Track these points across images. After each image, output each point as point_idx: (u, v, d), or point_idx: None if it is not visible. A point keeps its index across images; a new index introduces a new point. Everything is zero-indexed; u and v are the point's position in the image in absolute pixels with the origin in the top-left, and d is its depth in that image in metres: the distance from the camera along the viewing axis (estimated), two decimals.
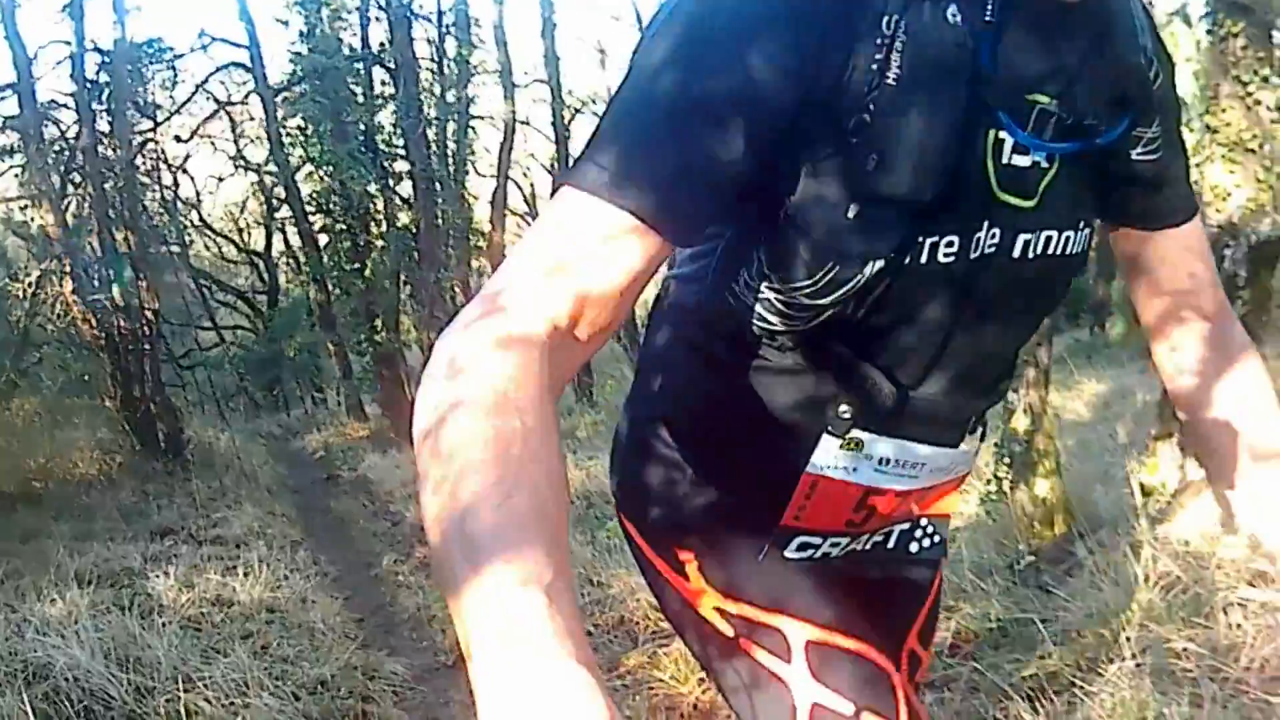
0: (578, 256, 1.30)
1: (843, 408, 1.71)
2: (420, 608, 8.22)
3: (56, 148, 17.91)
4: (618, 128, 1.39)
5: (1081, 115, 1.52)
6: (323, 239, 21.59)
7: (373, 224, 19.35)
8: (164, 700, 5.12)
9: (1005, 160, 1.50)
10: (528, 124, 29.41)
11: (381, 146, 18.72)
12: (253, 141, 28.29)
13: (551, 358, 1.26)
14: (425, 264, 15.12)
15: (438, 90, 19.45)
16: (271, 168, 24.69)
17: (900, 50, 1.38)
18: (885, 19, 1.37)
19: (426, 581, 9.13)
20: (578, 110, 31.15)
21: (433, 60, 20.17)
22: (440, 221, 16.49)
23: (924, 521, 2.06)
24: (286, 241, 31.74)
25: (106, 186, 17.47)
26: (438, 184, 17.79)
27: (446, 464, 1.09)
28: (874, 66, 1.37)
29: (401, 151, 17.74)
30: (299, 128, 20.85)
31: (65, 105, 19.10)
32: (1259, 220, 5.83)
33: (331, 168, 18.23)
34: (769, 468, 1.84)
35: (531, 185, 31.81)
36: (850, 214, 1.46)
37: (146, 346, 17.31)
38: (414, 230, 15.88)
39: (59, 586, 7.55)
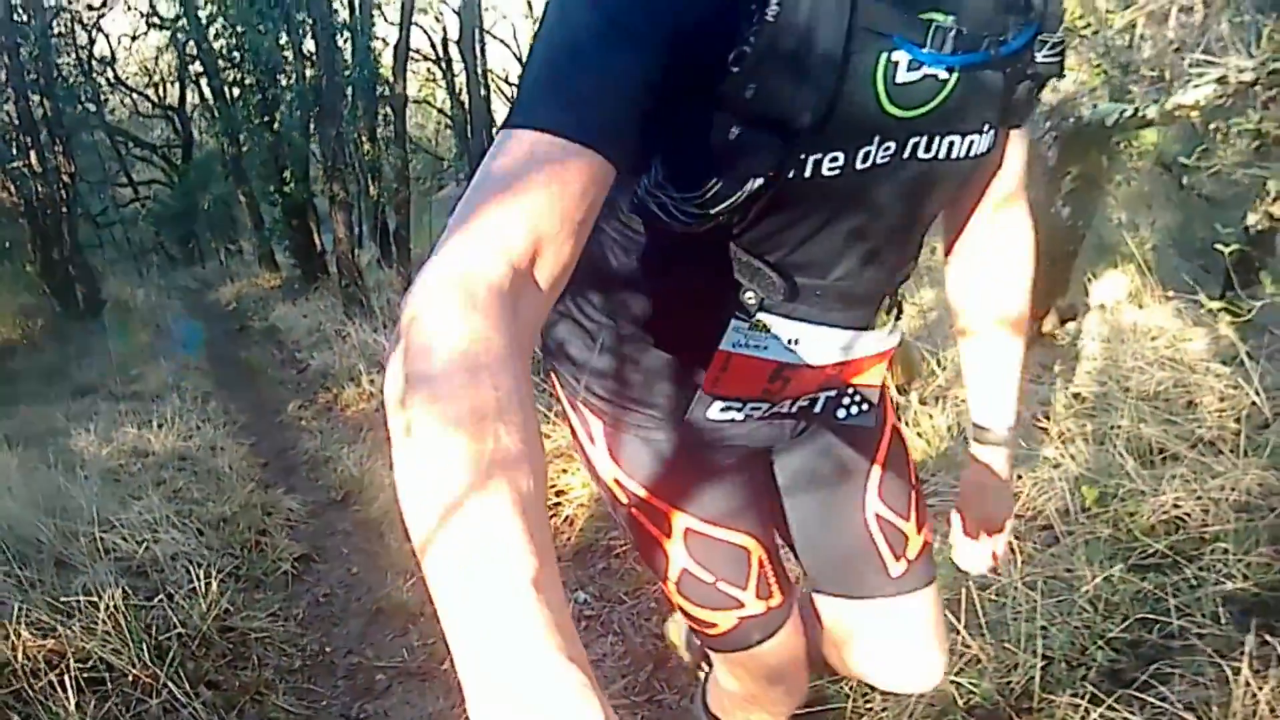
0: (523, 191, 1.30)
1: (748, 294, 1.85)
2: (318, 449, 8.70)
3: None
4: (539, 67, 1.42)
5: (980, 28, 1.62)
6: (234, 93, 21.47)
7: (282, 76, 19.02)
8: (85, 541, 5.60)
9: (898, 79, 1.59)
10: None
11: (292, 9, 18.55)
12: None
13: (518, 307, 1.25)
14: (327, 119, 15.35)
15: None
16: (183, 24, 24.35)
17: None
18: None
19: (327, 425, 9.74)
20: None
21: None
22: (341, 77, 16.60)
23: (850, 390, 2.18)
24: (201, 95, 30.06)
25: (22, 55, 17.55)
26: (340, 39, 17.68)
27: (422, 442, 1.06)
28: (754, 4, 1.44)
29: (310, 21, 17.38)
30: None
31: None
32: (1083, 103, 6.40)
33: (239, 24, 18.12)
34: (684, 344, 2.02)
35: (444, 30, 31.31)
36: (731, 135, 1.56)
37: (64, 210, 17.55)
38: (317, 89, 16.00)
39: None
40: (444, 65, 30.07)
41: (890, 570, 2.35)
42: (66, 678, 3.93)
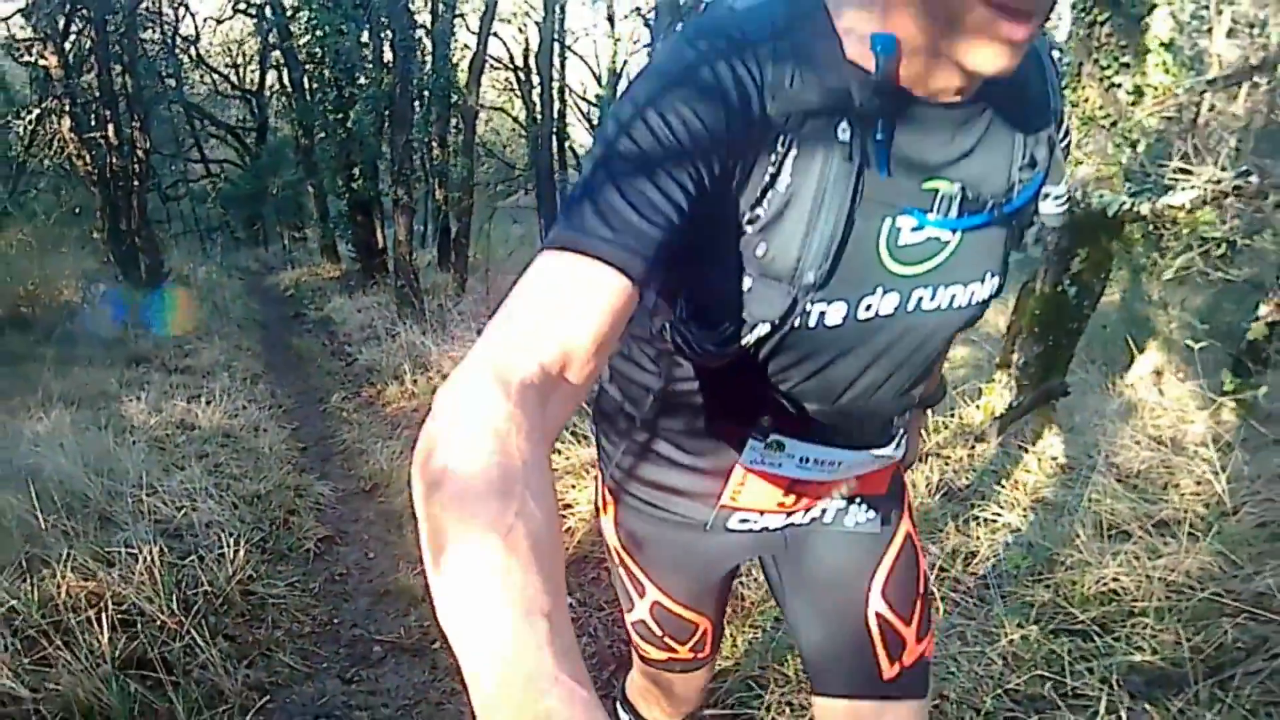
0: (557, 306, 1.39)
1: (764, 418, 1.97)
2: (356, 440, 9.11)
3: None
4: (585, 189, 1.49)
5: (982, 191, 1.72)
6: (312, 86, 21.35)
7: (360, 75, 18.87)
8: (129, 502, 6.02)
9: (901, 242, 1.70)
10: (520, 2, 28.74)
11: (377, 11, 18.74)
12: None
13: (546, 403, 1.33)
14: (398, 126, 15.66)
15: None
16: (268, 12, 24.37)
17: (793, 161, 1.56)
18: (781, 137, 1.55)
19: (366, 418, 10.10)
20: None
21: None
22: (415, 87, 16.81)
23: (858, 499, 2.28)
24: (280, 80, 30.17)
25: (109, 29, 17.76)
26: (419, 51, 17.75)
27: (448, 501, 1.11)
28: (769, 174, 1.57)
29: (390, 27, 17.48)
30: None
31: None
32: (1098, 189, 6.69)
33: (323, 23, 18.36)
34: (705, 459, 2.12)
35: (526, 40, 31.11)
36: (745, 286, 1.68)
37: (136, 183, 17.85)
38: (391, 95, 16.24)
39: (45, 406, 8.54)
40: (522, 75, 29.99)
41: (883, 672, 2.34)
42: (104, 616, 4.39)
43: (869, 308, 1.74)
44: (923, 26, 1.47)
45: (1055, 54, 1.94)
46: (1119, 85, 6.70)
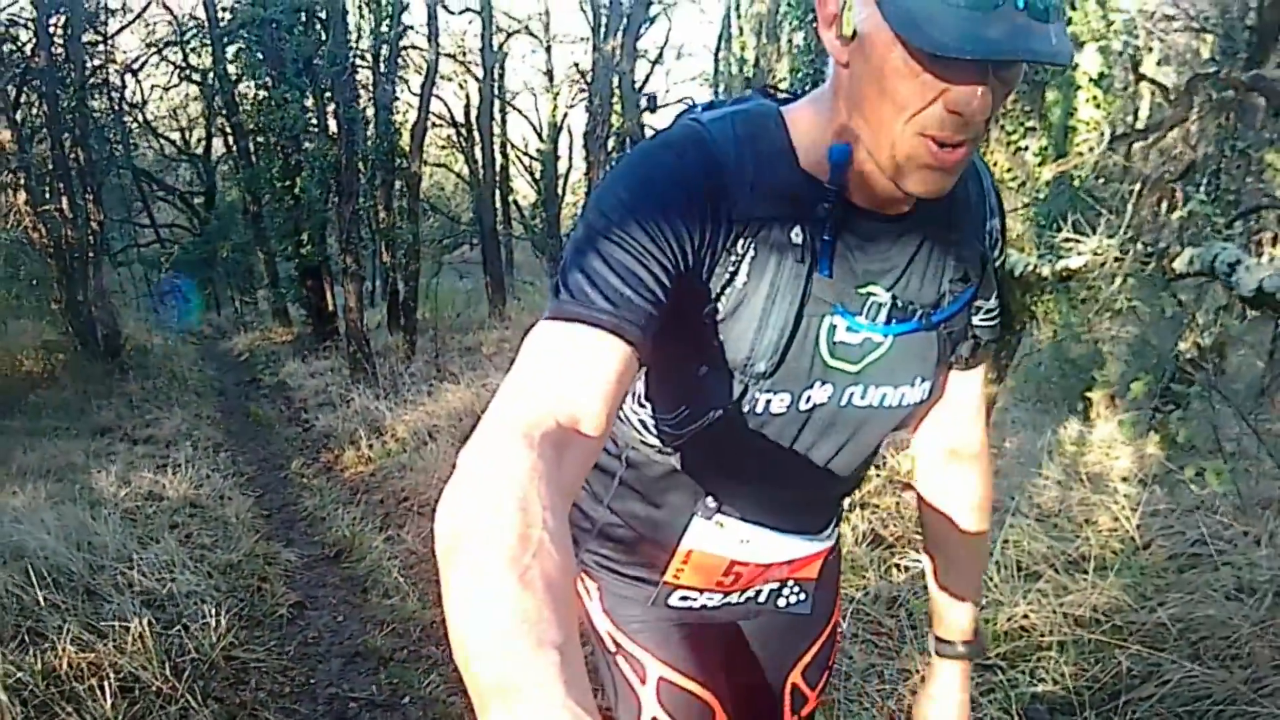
0: (565, 371, 1.47)
1: (709, 499, 2.07)
2: (318, 507, 9.44)
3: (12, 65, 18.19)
4: (570, 264, 1.59)
5: (912, 301, 1.82)
6: (258, 152, 21.93)
7: (306, 141, 19.37)
8: (113, 575, 6.36)
9: (837, 339, 1.80)
10: (460, 58, 29.00)
11: (321, 79, 18.84)
12: (196, 52, 27.15)
13: (563, 458, 1.37)
14: (344, 197, 15.87)
15: (369, 25, 19.17)
16: (213, 80, 24.04)
17: (750, 262, 1.68)
18: (740, 240, 1.67)
19: (326, 484, 10.45)
20: (510, 34, 31.23)
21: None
22: (360, 157, 17.03)
23: (790, 582, 2.36)
24: (226, 144, 29.37)
25: (60, 105, 18.02)
26: (363, 122, 18.12)
27: (468, 544, 1.14)
28: (729, 272, 1.68)
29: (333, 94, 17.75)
30: (238, 51, 20.80)
31: (23, 24, 19.21)
32: (1007, 248, 7.01)
33: (266, 91, 18.69)
34: (655, 534, 2.21)
35: (467, 96, 31.03)
36: (700, 373, 1.79)
37: (91, 254, 18.02)
38: (338, 164, 16.40)
39: (18, 479, 8.93)
40: (464, 132, 30.34)
41: None
42: (105, 684, 4.81)
43: (808, 400, 1.85)
44: (866, 148, 1.60)
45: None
46: (1025, 148, 7.10)
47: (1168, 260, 5.50)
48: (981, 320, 1.99)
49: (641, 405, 2.08)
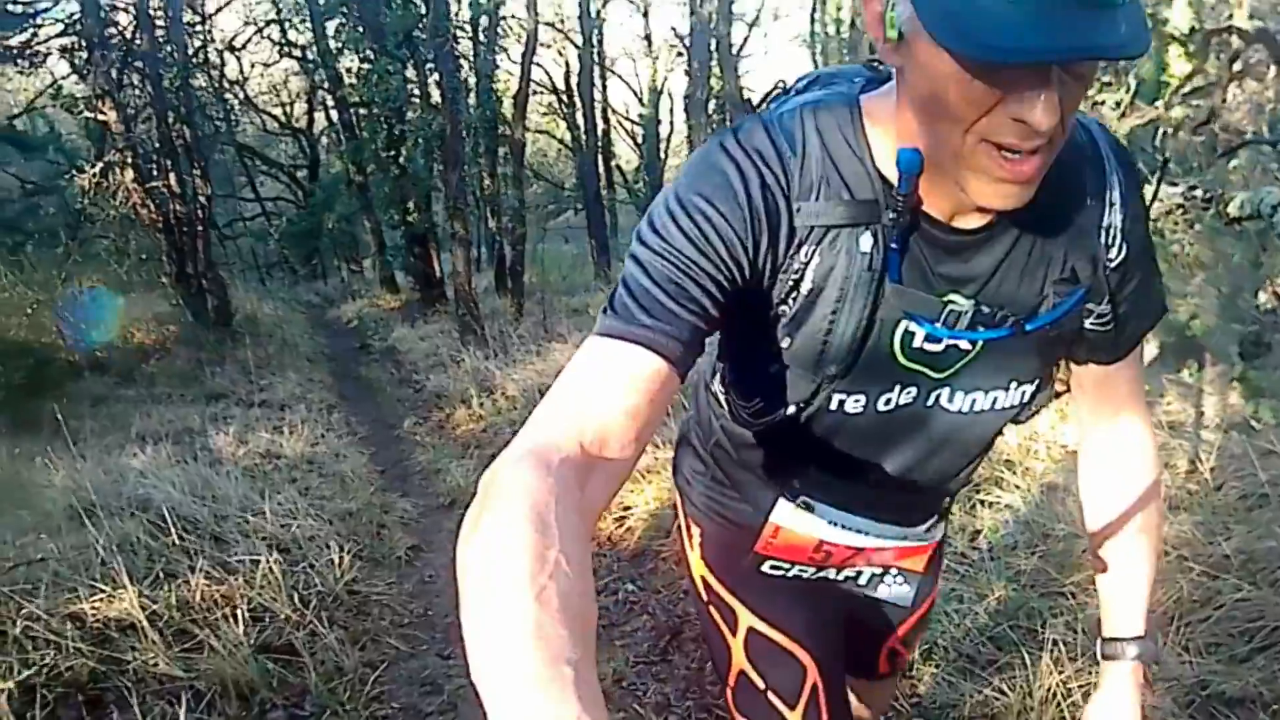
0: (598, 390, 1.45)
1: (796, 481, 2.07)
2: (431, 462, 9.73)
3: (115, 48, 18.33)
4: (623, 281, 1.57)
5: (1002, 307, 1.70)
6: (361, 124, 21.76)
7: (409, 112, 19.57)
8: (236, 523, 6.61)
9: (915, 345, 1.73)
10: (558, 25, 29.30)
11: (422, 50, 18.94)
12: (295, 28, 27.55)
13: (588, 479, 1.37)
14: (449, 164, 15.99)
15: None
16: (313, 55, 24.43)
17: (814, 269, 1.62)
18: (804, 248, 1.61)
19: (438, 441, 10.68)
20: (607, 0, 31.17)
21: None
22: (464, 124, 17.22)
23: (894, 570, 2.34)
24: (328, 117, 30.39)
25: (164, 85, 18.19)
26: (465, 93, 18.40)
27: (487, 564, 1.14)
28: (794, 278, 1.63)
29: (435, 65, 17.84)
30: (339, 26, 21.14)
31: (123, 8, 19.33)
32: None
33: (369, 65, 18.82)
34: (748, 505, 2.22)
35: (566, 63, 31.02)
36: (772, 370, 1.77)
37: (199, 228, 18.31)
38: (442, 134, 16.44)
39: (138, 443, 9.17)
40: (565, 98, 30.49)
41: (878, 670, 2.69)
42: (237, 613, 5.11)
43: (888, 401, 1.81)
44: (934, 159, 1.50)
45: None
46: (1102, 103, 7.14)
47: (1222, 205, 5.56)
48: (1093, 325, 1.81)
49: (726, 388, 2.07)
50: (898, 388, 1.79)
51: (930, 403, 1.83)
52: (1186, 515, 5.43)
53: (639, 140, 34.94)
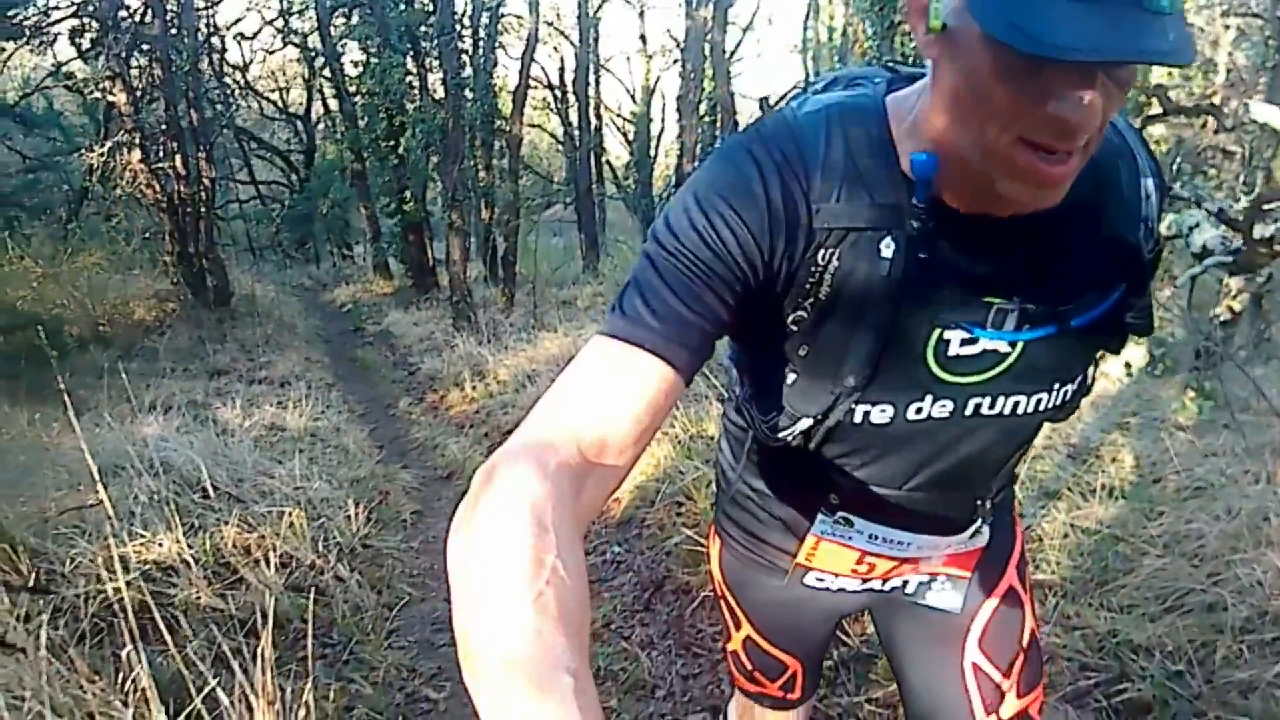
0: (600, 392, 1.44)
1: (832, 495, 1.96)
2: (427, 439, 10.28)
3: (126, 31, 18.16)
4: (633, 282, 1.54)
5: (1044, 304, 1.63)
6: (360, 112, 22.29)
7: (408, 104, 19.98)
8: (251, 485, 7.02)
9: (951, 353, 1.65)
10: (555, 23, 29.56)
11: (423, 44, 19.73)
12: (299, 14, 28.17)
13: (584, 484, 1.37)
14: (449, 156, 16.24)
15: None
16: (317, 42, 25.02)
17: (833, 276, 1.56)
18: (823, 251, 1.54)
19: (434, 420, 11.19)
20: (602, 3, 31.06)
21: None
22: (465, 122, 17.66)
23: (941, 577, 2.22)
24: (325, 105, 31.58)
25: (174, 68, 18.37)
26: (466, 89, 18.60)
27: (483, 567, 1.14)
28: (810, 284, 1.57)
29: (438, 60, 18.57)
30: (345, 16, 21.84)
31: None
32: None
33: (375, 58, 19.37)
34: (784, 519, 2.15)
35: (561, 59, 30.73)
36: (789, 381, 1.71)
37: (202, 210, 18.61)
38: (443, 127, 17.08)
39: (152, 411, 9.54)
40: (559, 94, 30.56)
41: None
42: (269, 557, 5.66)
43: (919, 411, 1.72)
44: (965, 155, 1.44)
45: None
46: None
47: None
48: (1134, 318, 1.75)
49: (747, 401, 1.98)
50: (929, 397, 1.71)
51: (969, 412, 1.75)
52: (1125, 502, 5.91)
53: (630, 137, 35.19)
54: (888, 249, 1.54)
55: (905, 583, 2.23)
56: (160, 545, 5.56)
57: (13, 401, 10.10)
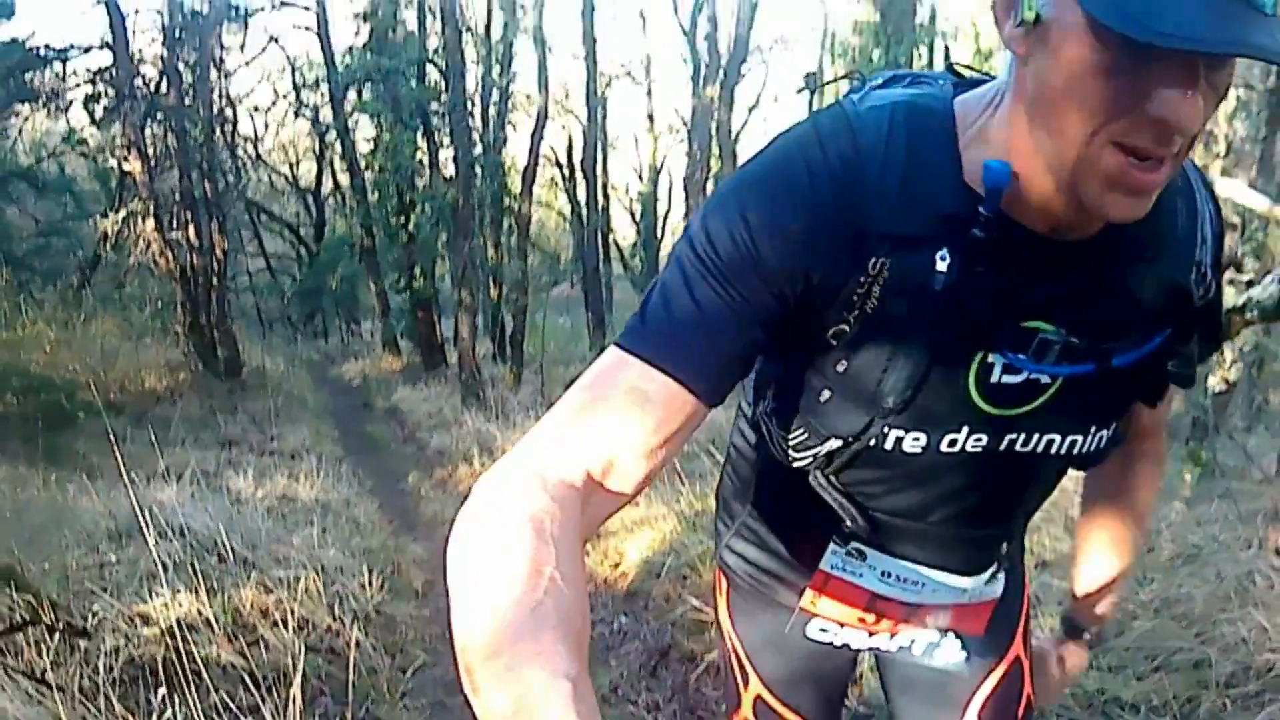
0: (612, 413, 1.36)
1: (846, 524, 1.84)
2: (437, 513, 10.34)
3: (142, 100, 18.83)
4: (659, 295, 1.44)
5: (1089, 340, 1.54)
6: (370, 188, 22.62)
7: (419, 180, 20.35)
8: (266, 551, 7.14)
9: (994, 380, 1.56)
10: (563, 101, 29.66)
11: (434, 121, 20.08)
12: (312, 88, 28.39)
13: (587, 502, 1.33)
14: (461, 233, 16.32)
15: (481, 71, 20.24)
16: (328, 116, 25.29)
17: (881, 286, 1.44)
18: (873, 260, 1.43)
19: (443, 495, 11.28)
20: (612, 78, 31.14)
21: (478, 49, 20.72)
22: (475, 200, 17.90)
23: (950, 635, 2.11)
24: (335, 180, 31.69)
25: (189, 139, 18.87)
26: (477, 167, 18.86)
27: (482, 578, 1.13)
28: (857, 294, 1.45)
29: (449, 136, 18.80)
30: (358, 92, 22.11)
31: (149, 62, 19.98)
32: None
33: (389, 134, 19.71)
34: (792, 552, 2.07)
35: (569, 137, 30.68)
36: (823, 398, 1.61)
37: (215, 280, 18.90)
38: (454, 205, 17.39)
39: (164, 479, 9.64)
40: (566, 172, 30.87)
41: None
42: (289, 619, 5.80)
43: (953, 443, 1.63)
44: (1047, 163, 1.34)
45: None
46: None
47: None
48: (1175, 366, 1.68)
49: (767, 415, 1.84)
50: (965, 429, 1.62)
51: (1003, 447, 1.66)
52: None
53: (637, 216, 35.63)
54: (943, 261, 1.43)
55: (912, 641, 2.12)
56: (180, 605, 5.68)
57: (29, 463, 10.15)
